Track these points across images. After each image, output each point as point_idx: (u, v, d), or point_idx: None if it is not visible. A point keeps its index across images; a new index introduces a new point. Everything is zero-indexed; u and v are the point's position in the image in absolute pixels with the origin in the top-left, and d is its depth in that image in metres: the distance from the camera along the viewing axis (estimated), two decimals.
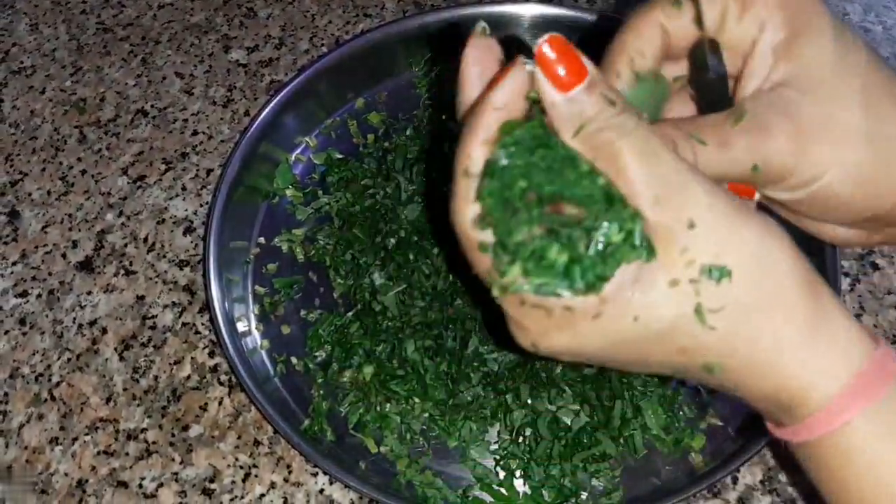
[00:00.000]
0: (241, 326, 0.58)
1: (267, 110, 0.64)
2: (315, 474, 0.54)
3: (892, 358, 0.32)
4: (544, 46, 0.29)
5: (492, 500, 0.52)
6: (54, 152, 0.70)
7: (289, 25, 0.77)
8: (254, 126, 0.63)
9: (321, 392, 0.56)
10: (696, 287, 0.29)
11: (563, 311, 0.30)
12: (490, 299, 0.32)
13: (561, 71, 0.29)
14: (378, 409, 0.55)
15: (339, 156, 0.66)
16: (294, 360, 0.58)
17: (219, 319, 0.56)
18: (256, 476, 0.54)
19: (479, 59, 0.32)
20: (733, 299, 0.30)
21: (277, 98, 0.64)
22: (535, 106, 0.31)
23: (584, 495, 0.52)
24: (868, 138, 0.34)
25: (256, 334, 0.59)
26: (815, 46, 0.34)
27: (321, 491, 0.53)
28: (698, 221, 0.29)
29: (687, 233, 0.29)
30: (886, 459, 0.31)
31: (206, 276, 0.58)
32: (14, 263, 0.64)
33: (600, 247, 0.29)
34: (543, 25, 0.69)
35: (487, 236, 0.31)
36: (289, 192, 0.65)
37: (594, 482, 0.52)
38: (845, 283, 0.60)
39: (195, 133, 0.70)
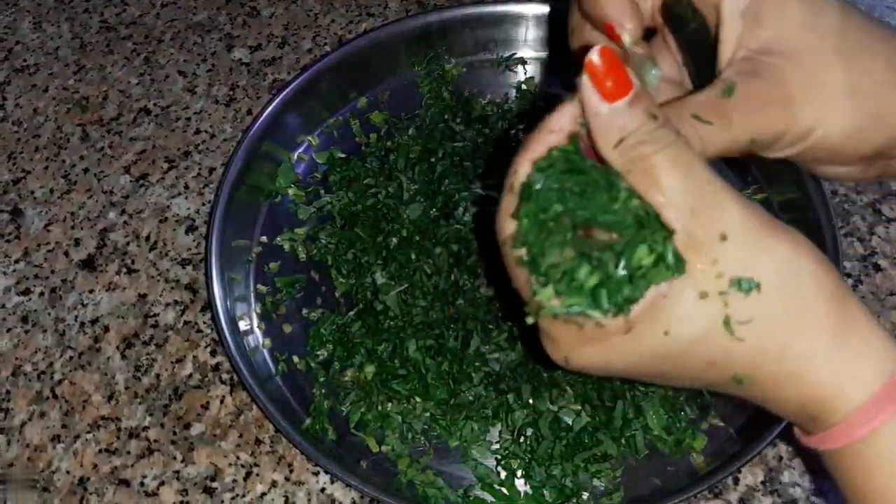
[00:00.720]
0: (242, 325, 0.58)
1: (269, 109, 0.64)
2: (316, 473, 0.54)
3: None
4: (594, 56, 0.30)
5: (493, 499, 0.52)
6: (57, 150, 0.70)
7: (292, 24, 0.77)
8: (256, 125, 0.63)
9: (322, 391, 0.56)
10: (726, 299, 0.30)
11: (594, 328, 0.31)
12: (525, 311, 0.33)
13: (608, 82, 0.30)
14: (379, 408, 0.55)
15: (342, 155, 0.66)
16: (296, 359, 0.58)
17: (220, 318, 0.56)
18: (258, 475, 0.54)
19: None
20: (762, 311, 0.30)
21: (280, 97, 0.64)
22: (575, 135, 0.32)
23: (585, 495, 0.52)
24: (852, 93, 0.35)
25: (258, 333, 0.59)
26: (782, 12, 0.35)
27: (322, 490, 0.54)
28: (730, 234, 0.30)
29: (719, 245, 0.30)
30: None
31: (207, 274, 0.58)
32: (16, 261, 0.64)
33: (629, 270, 0.30)
34: (546, 25, 0.69)
35: (522, 253, 0.32)
36: (291, 192, 0.65)
37: (595, 482, 0.52)
38: (847, 284, 0.60)
39: (198, 132, 0.70)
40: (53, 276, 0.63)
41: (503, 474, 0.53)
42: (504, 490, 0.52)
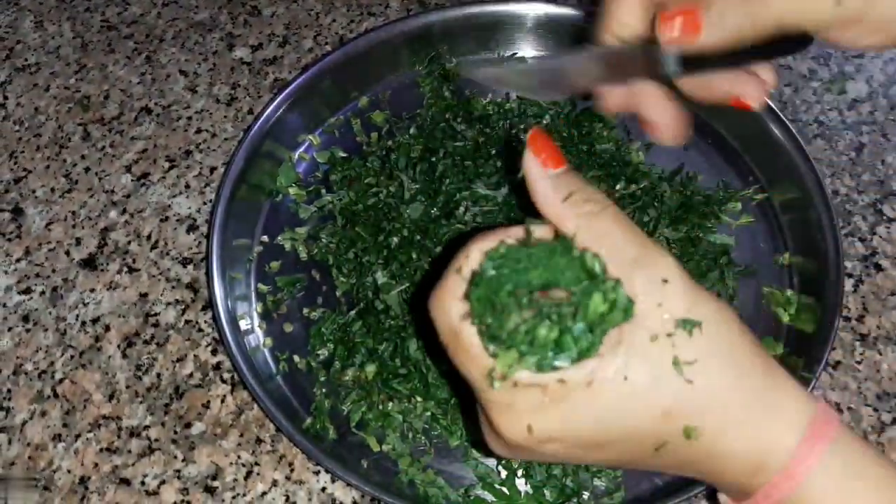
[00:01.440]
0: (243, 324, 0.58)
1: (270, 108, 0.64)
2: (317, 472, 0.54)
3: (831, 412, 0.34)
4: (532, 137, 0.36)
5: (493, 499, 0.52)
6: (58, 150, 0.70)
7: (293, 24, 0.77)
8: (257, 124, 0.63)
9: (323, 390, 0.56)
10: (673, 340, 0.32)
11: (557, 385, 0.32)
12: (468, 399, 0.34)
13: (545, 154, 0.36)
14: (380, 407, 0.55)
15: (343, 154, 0.66)
16: (296, 358, 0.58)
17: (221, 317, 0.56)
18: (258, 474, 0.54)
19: None
20: (705, 352, 0.32)
21: (281, 96, 0.64)
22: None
23: (585, 495, 0.52)
24: None
25: (259, 332, 0.59)
26: None
27: (323, 489, 0.54)
28: (670, 278, 0.33)
29: (662, 288, 0.33)
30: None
31: (208, 273, 0.58)
32: (18, 260, 0.64)
33: (587, 319, 0.32)
34: (546, 25, 0.69)
35: (473, 331, 0.33)
36: (292, 191, 0.65)
37: (596, 482, 0.52)
38: (849, 284, 0.60)
39: (199, 131, 0.70)
40: (54, 275, 0.63)
41: (504, 473, 0.53)
42: (504, 489, 0.52)
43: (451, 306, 0.34)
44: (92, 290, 0.62)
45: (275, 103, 0.64)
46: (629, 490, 0.52)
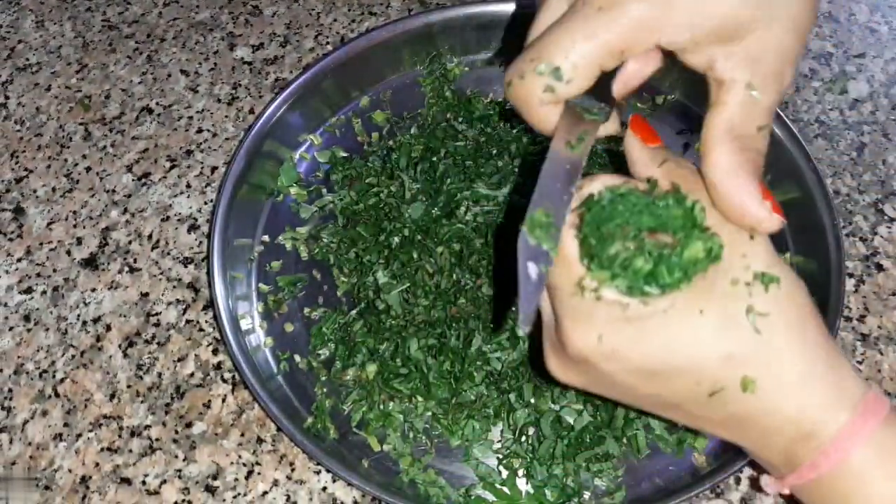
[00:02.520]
0: (244, 324, 0.58)
1: (272, 108, 0.64)
2: (318, 472, 0.54)
3: (883, 398, 0.36)
4: (632, 121, 0.39)
5: (494, 499, 0.52)
6: (59, 149, 0.70)
7: (294, 23, 0.77)
8: (258, 124, 0.63)
9: (324, 390, 0.56)
10: (750, 290, 0.34)
11: (638, 307, 0.34)
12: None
13: (646, 133, 0.39)
14: (381, 407, 0.55)
15: (344, 154, 0.66)
16: (297, 358, 0.58)
17: (223, 317, 0.56)
18: (259, 473, 0.54)
19: None
20: (776, 309, 0.34)
21: (282, 96, 0.64)
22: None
23: (586, 495, 0.52)
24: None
25: (260, 332, 0.59)
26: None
27: (324, 489, 0.54)
28: (756, 235, 0.35)
29: (748, 242, 0.35)
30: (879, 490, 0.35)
31: (210, 273, 0.58)
32: (19, 260, 0.64)
33: (683, 261, 0.34)
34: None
35: (574, 241, 0.35)
36: (293, 191, 0.65)
37: (597, 482, 0.52)
38: (850, 283, 0.60)
39: (200, 131, 0.70)
40: (56, 274, 0.63)
41: (505, 473, 0.53)
42: (505, 489, 0.52)
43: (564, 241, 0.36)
44: (93, 290, 0.62)
45: (276, 103, 0.64)
46: (630, 490, 0.52)
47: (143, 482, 0.54)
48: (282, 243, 0.63)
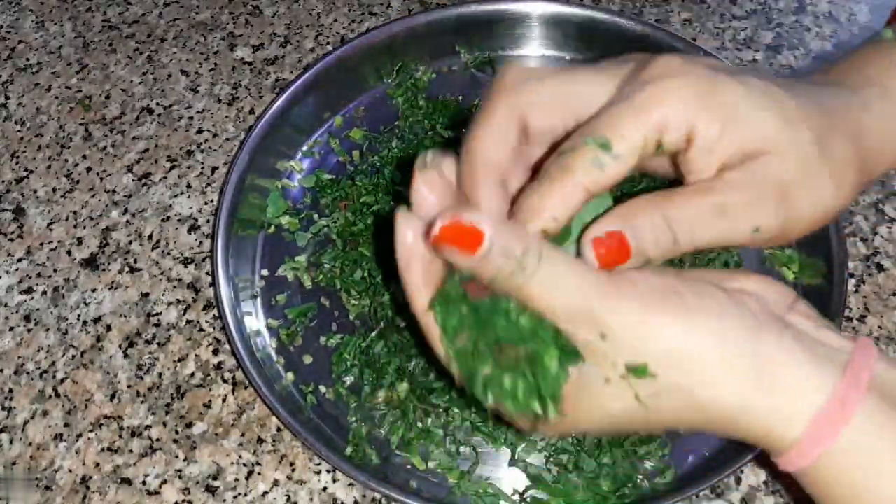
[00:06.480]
0: (248, 323, 0.58)
1: (273, 109, 0.64)
2: (318, 472, 0.54)
3: (865, 368, 0.33)
4: (436, 230, 0.32)
5: (550, 497, 0.51)
6: (60, 149, 0.70)
7: (294, 23, 0.77)
8: (259, 124, 0.63)
9: (357, 416, 0.55)
10: (628, 381, 0.33)
11: (538, 418, 0.35)
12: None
13: (460, 245, 0.32)
14: (419, 424, 0.54)
15: (329, 176, 0.65)
16: (322, 388, 0.57)
17: (227, 317, 0.56)
18: (260, 473, 0.54)
19: (431, 188, 0.36)
20: (665, 384, 0.32)
21: (283, 96, 0.64)
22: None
23: (639, 478, 0.52)
24: (828, 173, 0.35)
25: (279, 368, 0.58)
26: (752, 126, 0.34)
27: (324, 489, 0.53)
28: (607, 332, 0.32)
29: (602, 343, 0.32)
30: (872, 478, 0.33)
31: (213, 272, 0.58)
32: (19, 260, 0.64)
33: (542, 373, 0.33)
34: (551, 24, 0.69)
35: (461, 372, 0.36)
36: (284, 220, 0.64)
37: (647, 464, 0.52)
38: (850, 284, 0.60)
39: (200, 131, 0.70)
40: (56, 274, 0.63)
41: (555, 471, 0.52)
42: (560, 486, 0.52)
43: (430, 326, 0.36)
44: (93, 290, 0.62)
45: (277, 103, 0.64)
46: (678, 467, 0.52)
47: (144, 482, 0.54)
48: (283, 275, 0.62)
